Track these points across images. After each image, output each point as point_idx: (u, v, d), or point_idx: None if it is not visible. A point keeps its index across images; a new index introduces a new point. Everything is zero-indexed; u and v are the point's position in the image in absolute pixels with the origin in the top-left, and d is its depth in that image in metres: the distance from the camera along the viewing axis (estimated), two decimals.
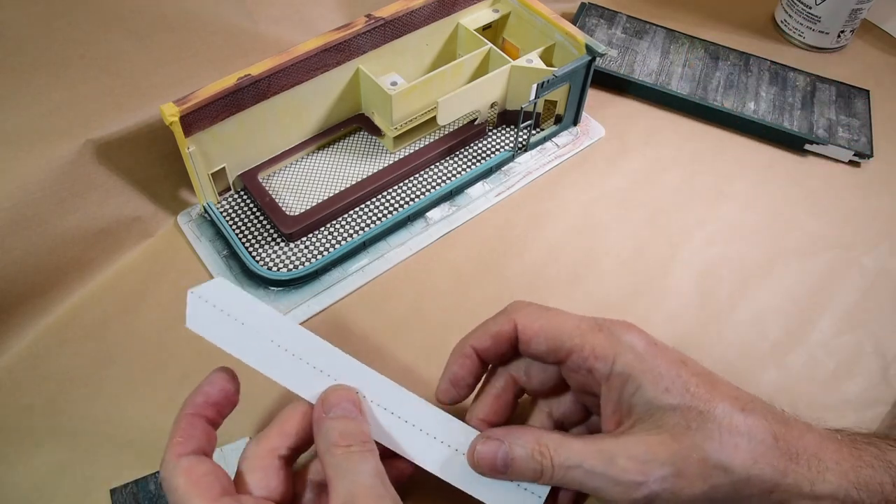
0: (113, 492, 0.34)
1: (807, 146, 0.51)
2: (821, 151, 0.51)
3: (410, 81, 0.46)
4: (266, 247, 0.43)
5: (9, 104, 0.39)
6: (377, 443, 0.29)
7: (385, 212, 0.46)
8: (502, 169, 0.49)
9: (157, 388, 0.38)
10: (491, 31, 0.52)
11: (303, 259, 0.43)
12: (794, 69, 0.57)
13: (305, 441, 0.29)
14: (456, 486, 0.29)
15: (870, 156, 0.51)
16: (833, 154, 0.51)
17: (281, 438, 0.29)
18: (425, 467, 0.29)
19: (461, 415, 0.31)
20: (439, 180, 0.48)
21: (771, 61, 0.57)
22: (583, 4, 0.60)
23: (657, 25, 0.59)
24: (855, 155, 0.51)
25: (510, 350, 0.31)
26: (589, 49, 0.47)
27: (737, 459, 0.26)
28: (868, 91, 0.55)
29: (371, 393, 0.30)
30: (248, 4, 0.47)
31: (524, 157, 0.50)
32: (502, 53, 0.48)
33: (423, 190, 0.47)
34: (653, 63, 0.56)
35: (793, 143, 0.52)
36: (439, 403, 0.31)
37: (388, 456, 0.29)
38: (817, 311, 0.43)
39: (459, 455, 0.30)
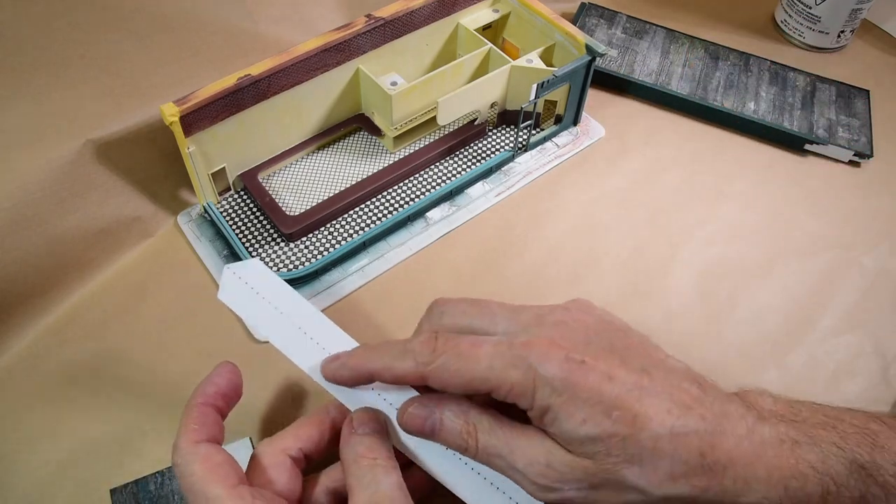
0: (113, 492, 0.34)
1: (807, 146, 0.51)
2: (821, 151, 0.51)
3: (410, 81, 0.46)
4: (266, 247, 0.43)
5: (9, 104, 0.39)
6: (399, 453, 0.29)
7: (385, 212, 0.46)
8: (502, 169, 0.49)
9: (157, 388, 0.38)
10: (491, 31, 0.52)
11: (303, 259, 0.43)
12: (794, 69, 0.57)
13: (318, 448, 0.30)
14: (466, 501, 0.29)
15: (870, 156, 0.51)
16: (833, 154, 0.51)
17: (294, 440, 0.30)
18: (443, 482, 0.30)
19: None
20: (439, 180, 0.48)
21: (771, 61, 0.57)
22: (583, 4, 0.60)
23: (657, 25, 0.59)
24: (855, 155, 0.51)
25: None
26: (589, 49, 0.47)
27: (654, 481, 0.26)
28: (868, 91, 0.55)
29: (393, 399, 0.30)
30: (248, 4, 0.47)
31: (524, 157, 0.50)
32: (502, 53, 0.48)
33: (423, 190, 0.47)
34: (653, 63, 0.56)
35: (793, 143, 0.52)
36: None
37: (406, 467, 0.29)
38: (817, 311, 0.43)
39: (476, 474, 0.29)
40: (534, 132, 0.50)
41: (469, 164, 0.49)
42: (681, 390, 0.27)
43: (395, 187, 0.47)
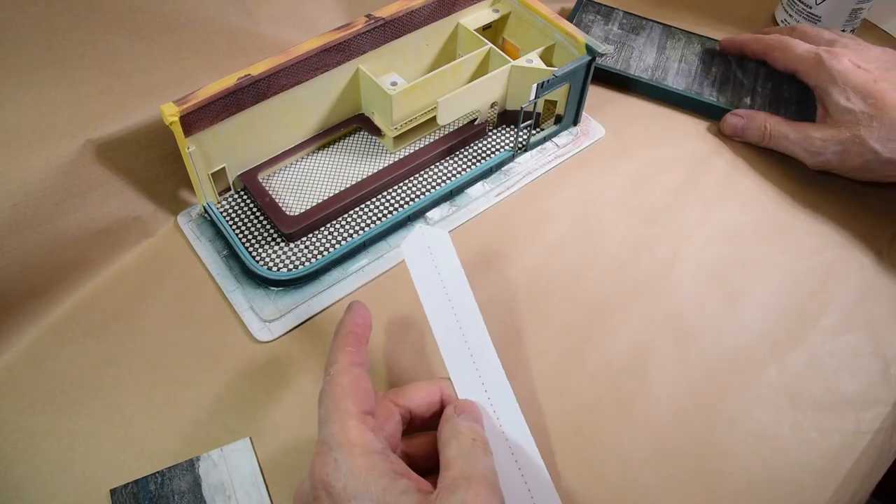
0: (113, 492, 0.34)
1: None
2: None
3: (410, 81, 0.46)
4: (266, 247, 0.43)
5: (9, 104, 0.39)
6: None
7: (385, 212, 0.46)
8: (502, 169, 0.49)
9: (157, 388, 0.38)
10: (491, 31, 0.52)
11: (303, 259, 0.43)
12: None
13: (423, 415, 0.32)
14: None
15: None
16: None
17: (407, 400, 0.32)
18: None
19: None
20: (439, 180, 0.48)
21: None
22: (580, 0, 0.60)
23: (654, 21, 0.59)
24: None
25: None
26: (589, 49, 0.47)
27: (886, 148, 0.43)
28: None
29: (497, 404, 0.32)
30: (248, 4, 0.47)
31: (524, 157, 0.50)
32: (502, 53, 0.48)
33: (423, 190, 0.47)
34: (649, 59, 0.56)
35: None
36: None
37: None
38: (817, 311, 0.43)
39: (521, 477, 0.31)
40: (534, 132, 0.50)
41: (469, 164, 0.49)
42: None
43: (395, 187, 0.47)
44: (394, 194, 0.47)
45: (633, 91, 0.55)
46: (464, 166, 0.48)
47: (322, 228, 0.45)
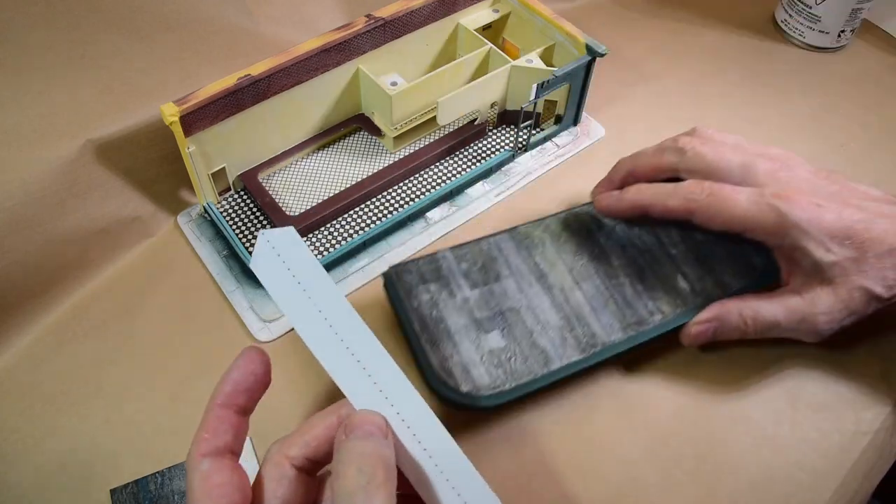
0: (113, 492, 0.34)
1: None
2: None
3: (410, 81, 0.46)
4: None
5: (9, 104, 0.39)
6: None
7: (385, 212, 0.46)
8: (502, 169, 0.49)
9: (157, 388, 0.38)
10: (491, 31, 0.52)
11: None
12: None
13: (325, 453, 0.28)
14: None
15: None
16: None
17: (299, 448, 0.27)
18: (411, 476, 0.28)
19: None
20: (439, 180, 0.48)
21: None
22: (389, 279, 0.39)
23: (486, 237, 0.41)
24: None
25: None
26: (589, 49, 0.47)
27: (886, 287, 0.35)
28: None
29: (404, 412, 0.28)
30: (248, 4, 0.47)
31: (524, 158, 0.50)
32: (502, 53, 0.48)
33: (423, 190, 0.47)
34: (520, 296, 0.39)
35: None
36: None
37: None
38: None
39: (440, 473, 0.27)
40: (534, 132, 0.50)
41: (469, 164, 0.49)
42: (890, 214, 0.35)
43: (395, 187, 0.47)
44: (394, 194, 0.47)
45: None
46: (464, 166, 0.48)
47: (322, 228, 0.45)
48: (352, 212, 0.46)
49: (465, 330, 0.36)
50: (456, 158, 0.49)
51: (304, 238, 0.44)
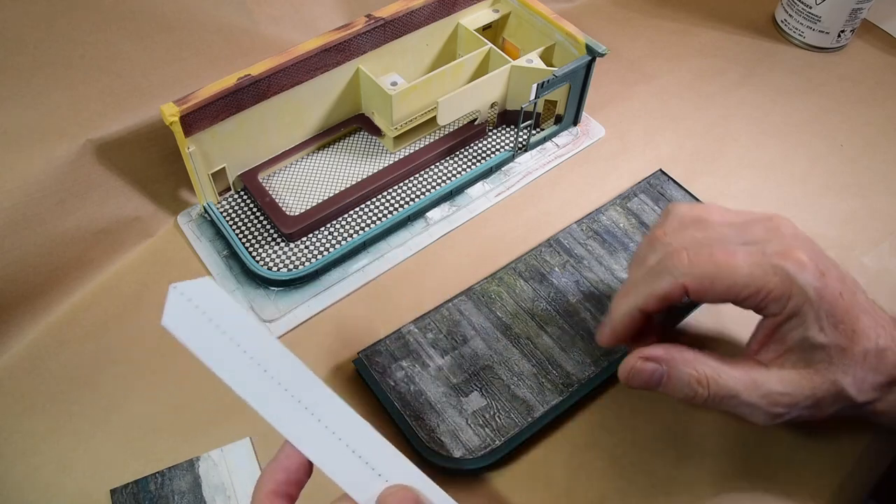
0: (113, 492, 0.34)
1: None
2: None
3: (410, 81, 0.46)
4: (266, 247, 0.43)
5: (9, 104, 0.39)
6: None
7: (385, 212, 0.46)
8: (502, 169, 0.49)
9: (157, 388, 0.38)
10: (491, 31, 0.52)
11: (303, 259, 0.43)
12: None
13: (305, 476, 0.27)
14: None
15: None
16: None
17: (278, 484, 0.26)
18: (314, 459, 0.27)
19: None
20: (439, 180, 0.48)
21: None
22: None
23: (441, 305, 0.41)
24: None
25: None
26: (589, 49, 0.47)
27: (862, 390, 0.30)
28: None
29: (349, 440, 0.26)
30: (248, 4, 0.47)
31: (524, 158, 0.50)
32: (502, 53, 0.48)
33: (423, 190, 0.47)
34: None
35: None
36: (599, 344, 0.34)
37: None
38: None
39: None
40: (534, 132, 0.50)
41: (469, 164, 0.49)
42: (875, 311, 0.31)
43: (395, 187, 0.47)
44: (394, 194, 0.47)
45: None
46: (464, 166, 0.48)
47: (322, 228, 0.45)
48: (352, 212, 0.46)
49: (445, 398, 0.37)
50: (456, 158, 0.49)
51: (305, 238, 0.44)
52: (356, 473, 0.26)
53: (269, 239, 0.44)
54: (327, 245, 0.44)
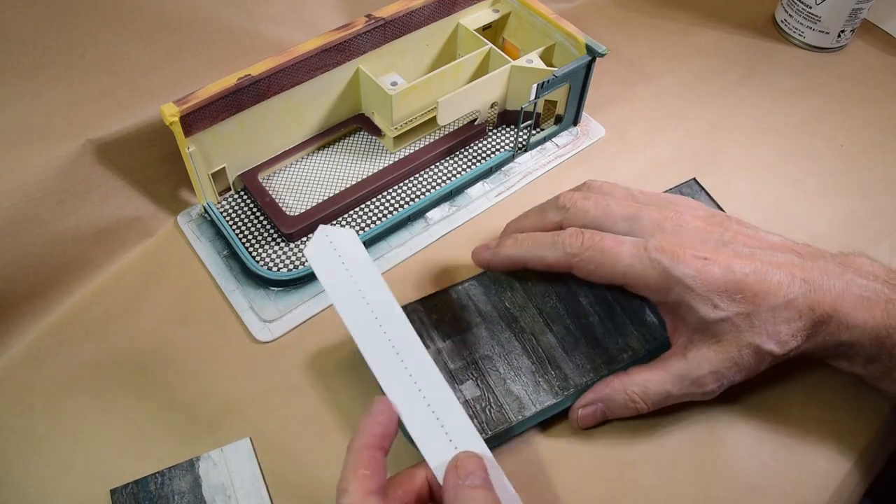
0: (113, 492, 0.34)
1: None
2: None
3: (410, 81, 0.46)
4: (266, 247, 0.43)
5: (9, 104, 0.39)
6: None
7: (385, 212, 0.46)
8: (502, 169, 0.49)
9: (156, 388, 0.38)
10: (491, 31, 0.52)
11: (303, 259, 0.43)
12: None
13: (395, 432, 0.30)
14: None
15: None
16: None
17: (384, 438, 0.29)
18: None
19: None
20: (439, 180, 0.48)
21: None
22: None
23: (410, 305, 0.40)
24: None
25: None
26: (589, 49, 0.47)
27: (781, 342, 0.33)
28: None
29: (431, 398, 0.30)
30: (248, 4, 0.47)
31: (524, 158, 0.50)
32: (502, 53, 0.48)
33: (423, 190, 0.47)
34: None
35: None
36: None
37: None
38: None
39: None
40: (534, 132, 0.50)
41: (469, 164, 0.49)
42: (785, 263, 0.33)
43: (395, 187, 0.47)
44: (394, 194, 0.47)
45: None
46: (464, 166, 0.48)
47: None
48: (352, 212, 0.46)
49: None
50: (456, 158, 0.49)
51: (305, 238, 0.44)
52: (433, 434, 0.29)
53: (270, 239, 0.44)
54: None
